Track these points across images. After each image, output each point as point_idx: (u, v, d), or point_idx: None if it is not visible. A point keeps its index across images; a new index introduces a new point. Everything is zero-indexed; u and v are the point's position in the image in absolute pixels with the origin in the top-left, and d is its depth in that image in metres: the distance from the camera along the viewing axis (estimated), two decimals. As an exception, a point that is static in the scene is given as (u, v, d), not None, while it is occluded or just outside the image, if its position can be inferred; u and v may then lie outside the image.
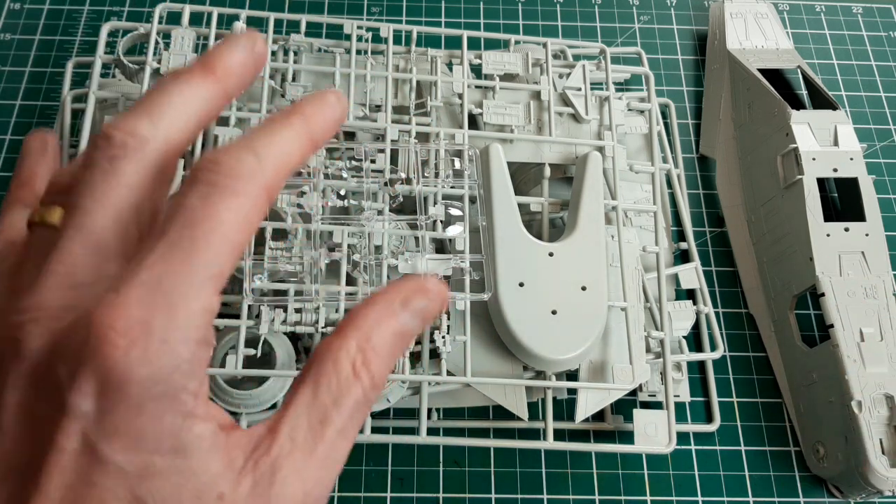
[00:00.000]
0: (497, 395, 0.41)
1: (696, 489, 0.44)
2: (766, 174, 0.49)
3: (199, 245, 0.16)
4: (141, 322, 0.16)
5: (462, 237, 0.40)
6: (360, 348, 0.18)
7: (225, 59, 0.19)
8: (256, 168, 0.17)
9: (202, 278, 0.17)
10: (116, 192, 0.18)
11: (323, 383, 0.18)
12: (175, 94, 0.18)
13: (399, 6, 0.60)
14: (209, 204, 0.17)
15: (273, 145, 0.18)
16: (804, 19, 0.62)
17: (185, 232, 0.16)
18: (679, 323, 0.46)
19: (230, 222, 0.17)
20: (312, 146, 0.19)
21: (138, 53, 0.55)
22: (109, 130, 0.18)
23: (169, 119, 0.18)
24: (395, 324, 0.19)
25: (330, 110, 0.19)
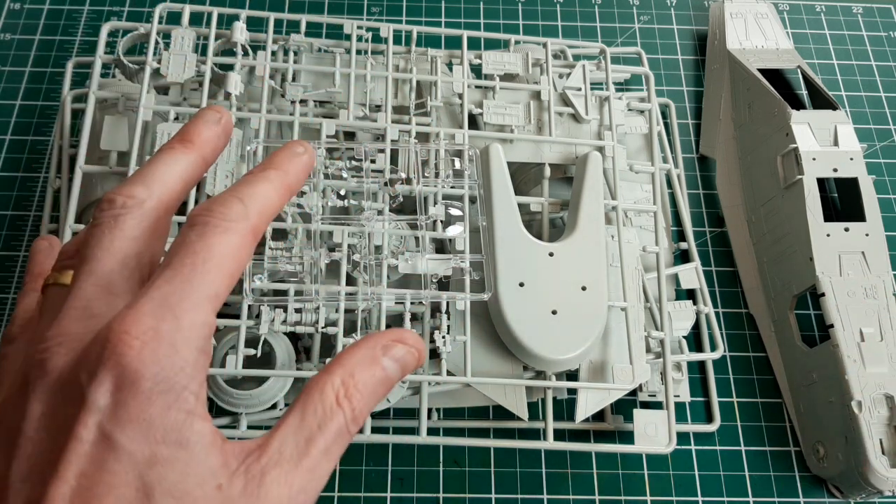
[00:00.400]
0: (497, 395, 0.41)
1: (696, 489, 0.44)
2: (766, 174, 0.49)
3: (197, 270, 0.20)
4: (151, 328, 0.19)
5: (462, 237, 0.40)
6: (344, 383, 0.21)
7: (200, 131, 0.23)
8: (242, 212, 0.21)
9: (201, 297, 0.20)
10: (120, 241, 0.21)
11: (309, 410, 0.20)
12: (162, 163, 0.22)
13: (399, 6, 0.60)
14: (204, 238, 0.20)
15: (255, 194, 0.22)
16: (804, 19, 0.62)
17: (186, 260, 0.20)
18: (679, 323, 0.46)
19: (223, 254, 0.20)
20: (288, 192, 0.23)
21: (138, 53, 0.55)
22: (111, 195, 0.22)
23: (160, 183, 0.22)
24: (376, 367, 0.21)
25: (298, 160, 0.23)
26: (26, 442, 0.19)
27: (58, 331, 0.20)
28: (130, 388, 0.19)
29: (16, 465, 0.19)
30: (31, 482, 0.19)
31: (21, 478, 0.19)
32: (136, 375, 0.19)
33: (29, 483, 0.19)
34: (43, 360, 0.20)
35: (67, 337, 0.20)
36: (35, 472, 0.19)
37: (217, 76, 0.44)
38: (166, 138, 0.41)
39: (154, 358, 0.19)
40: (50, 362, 0.20)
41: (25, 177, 0.52)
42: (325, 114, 0.45)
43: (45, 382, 0.19)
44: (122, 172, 0.42)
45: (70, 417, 0.19)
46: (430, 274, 0.39)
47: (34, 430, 0.19)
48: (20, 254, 0.49)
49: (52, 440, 0.19)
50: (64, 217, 0.44)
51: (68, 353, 0.20)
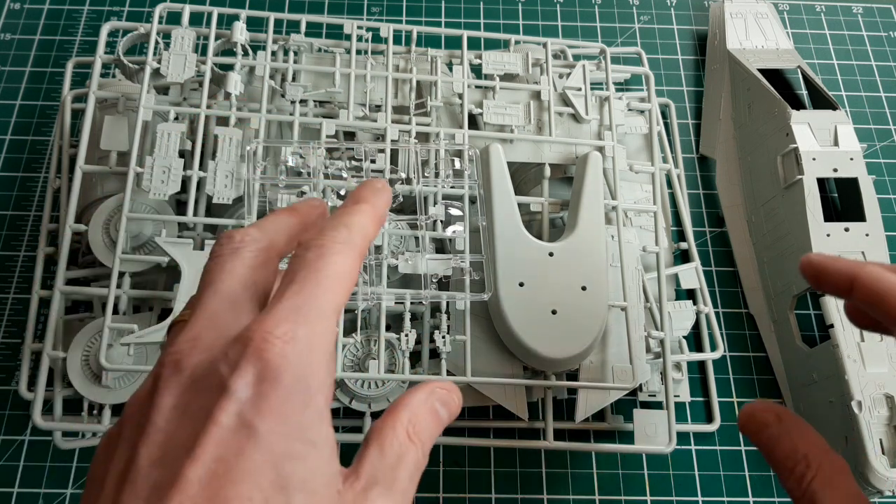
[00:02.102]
0: (497, 395, 0.41)
1: (696, 489, 0.44)
2: (766, 174, 0.49)
3: (322, 284, 0.22)
4: (291, 330, 0.20)
5: (462, 237, 0.40)
6: (411, 421, 0.23)
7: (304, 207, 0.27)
8: (349, 236, 0.24)
9: (328, 308, 0.22)
10: (241, 268, 0.23)
11: (387, 444, 0.22)
12: (272, 218, 0.26)
13: (399, 6, 0.60)
14: (323, 258, 0.23)
15: (356, 222, 0.24)
16: (804, 19, 0.62)
17: (310, 276, 0.22)
18: (679, 323, 0.46)
19: (339, 271, 0.22)
20: (378, 222, 0.26)
21: (138, 53, 0.55)
22: (231, 233, 0.24)
23: (271, 229, 0.25)
24: (430, 405, 0.24)
25: (382, 194, 0.27)
26: (157, 431, 0.19)
27: (189, 335, 0.21)
28: (273, 382, 0.19)
29: (144, 451, 0.19)
30: (163, 466, 0.19)
31: (151, 462, 0.19)
32: (279, 370, 0.20)
33: (160, 467, 0.19)
34: (176, 359, 0.21)
35: (199, 341, 0.21)
36: (168, 457, 0.19)
37: (217, 76, 0.44)
38: (166, 138, 0.42)
39: (295, 356, 0.20)
40: (184, 361, 0.21)
41: (25, 177, 0.52)
42: (325, 114, 0.45)
43: (179, 378, 0.20)
44: (122, 172, 0.42)
45: (208, 406, 0.19)
46: (430, 274, 0.39)
47: (165, 420, 0.20)
48: (20, 254, 0.49)
49: (187, 427, 0.19)
50: (64, 217, 0.44)
51: (202, 354, 0.21)
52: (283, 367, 0.20)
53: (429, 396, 0.24)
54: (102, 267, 0.42)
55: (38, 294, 0.44)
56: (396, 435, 0.22)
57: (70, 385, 0.41)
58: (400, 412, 0.23)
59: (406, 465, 0.22)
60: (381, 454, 0.22)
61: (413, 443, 0.22)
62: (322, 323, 0.21)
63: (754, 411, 0.28)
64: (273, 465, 0.19)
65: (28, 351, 0.43)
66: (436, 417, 0.24)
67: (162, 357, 0.21)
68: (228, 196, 0.41)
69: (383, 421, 0.23)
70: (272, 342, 0.20)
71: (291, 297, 0.21)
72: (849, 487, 0.25)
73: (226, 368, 0.20)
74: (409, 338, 0.40)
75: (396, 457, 0.22)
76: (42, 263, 0.45)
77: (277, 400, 0.19)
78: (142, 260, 0.41)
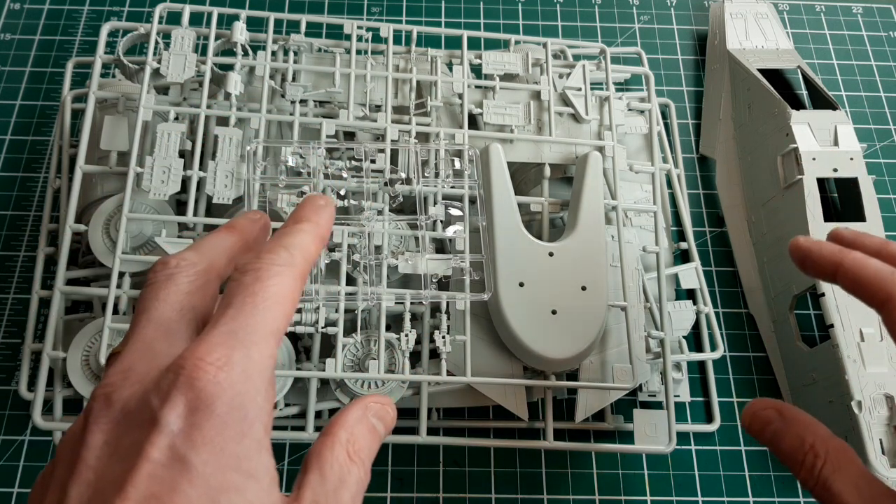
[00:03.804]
0: (497, 395, 0.41)
1: (696, 489, 0.44)
2: (766, 174, 0.49)
3: (259, 308, 0.21)
4: (225, 356, 0.20)
5: (462, 237, 0.40)
6: (349, 440, 0.22)
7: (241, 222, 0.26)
8: (289, 258, 0.23)
9: (266, 332, 0.21)
10: (175, 294, 0.22)
11: (326, 467, 0.21)
12: (210, 239, 0.25)
13: (399, 6, 0.60)
14: (260, 281, 0.22)
15: (296, 243, 0.24)
16: (804, 19, 0.62)
17: (247, 300, 0.21)
18: (679, 323, 0.46)
19: (278, 294, 0.22)
20: (321, 240, 0.25)
21: (138, 53, 0.55)
22: (166, 259, 0.23)
23: (208, 251, 0.24)
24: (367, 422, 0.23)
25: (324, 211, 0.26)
26: (87, 469, 0.19)
27: (121, 367, 0.20)
28: (205, 411, 0.19)
29: (75, 491, 0.18)
30: None
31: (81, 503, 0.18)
32: (212, 399, 0.19)
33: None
34: (107, 393, 0.20)
35: (132, 373, 0.20)
36: (98, 496, 0.18)
37: (217, 76, 0.44)
38: (166, 138, 0.42)
39: (229, 383, 0.19)
40: (115, 395, 0.20)
41: (25, 177, 0.52)
42: (325, 114, 0.45)
43: (109, 413, 0.19)
44: (122, 172, 0.42)
45: (138, 441, 0.19)
46: (430, 274, 0.39)
47: (95, 457, 0.19)
48: (20, 254, 0.49)
49: (117, 464, 0.19)
50: (64, 217, 0.44)
51: (133, 386, 0.20)
52: (216, 395, 0.19)
53: (364, 413, 0.23)
54: (102, 267, 0.42)
55: (38, 294, 0.44)
56: (336, 457, 0.22)
57: (70, 385, 0.41)
58: (337, 432, 0.22)
59: (348, 486, 0.21)
60: (321, 478, 0.21)
61: (354, 462, 0.22)
62: (258, 348, 0.20)
63: (756, 410, 0.28)
64: (209, 499, 0.18)
65: (28, 351, 0.43)
66: (373, 433, 0.23)
67: (94, 391, 0.20)
68: (228, 196, 0.41)
69: (321, 443, 0.22)
70: (204, 369, 0.19)
71: (227, 321, 0.21)
72: (857, 468, 0.26)
73: (157, 400, 0.19)
74: (409, 338, 0.40)
75: (338, 479, 0.21)
76: (42, 263, 0.45)
77: (211, 430, 0.19)
78: (142, 260, 0.41)
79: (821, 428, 0.27)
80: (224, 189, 0.41)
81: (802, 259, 0.29)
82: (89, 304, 0.45)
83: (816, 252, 0.28)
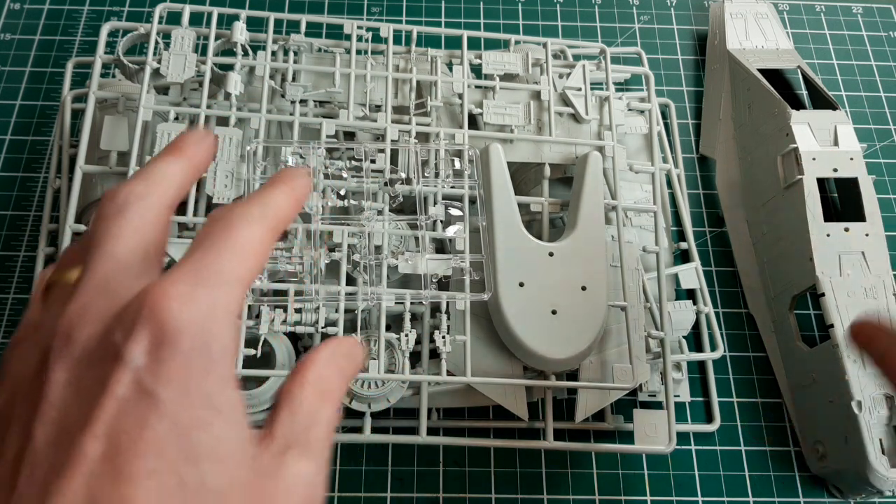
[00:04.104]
0: (497, 395, 0.41)
1: (696, 489, 0.44)
2: (766, 174, 0.49)
3: (225, 253, 0.21)
4: (189, 292, 0.19)
5: (462, 237, 0.40)
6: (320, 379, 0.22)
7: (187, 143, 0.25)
8: (261, 211, 0.22)
9: (231, 276, 0.20)
10: (128, 228, 0.22)
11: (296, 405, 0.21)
12: (158, 165, 0.24)
13: (399, 6, 0.60)
14: (230, 229, 0.21)
15: (270, 199, 0.23)
16: (804, 19, 0.62)
17: (214, 245, 0.21)
18: (679, 323, 0.46)
19: (246, 243, 0.21)
20: (297, 202, 0.25)
21: (138, 53, 0.55)
22: (112, 192, 0.22)
23: (158, 181, 0.23)
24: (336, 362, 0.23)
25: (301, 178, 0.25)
26: (50, 408, 0.18)
27: (80, 304, 0.20)
28: (171, 346, 0.18)
29: (40, 431, 0.18)
30: (60, 445, 0.18)
31: (47, 442, 0.18)
32: (177, 333, 0.18)
33: (56, 446, 0.18)
34: (67, 331, 0.19)
35: (92, 308, 0.20)
36: (65, 434, 0.18)
37: (217, 76, 0.44)
38: (166, 138, 0.42)
39: (193, 319, 0.19)
40: (75, 332, 0.19)
41: (25, 177, 0.52)
42: (325, 114, 0.45)
43: (71, 351, 0.19)
44: (122, 172, 0.42)
45: (102, 377, 0.18)
46: (430, 274, 0.39)
47: (59, 397, 0.18)
48: (20, 254, 0.49)
49: (82, 402, 0.18)
50: (64, 217, 0.44)
51: (95, 323, 0.19)
52: (181, 328, 0.18)
53: (332, 354, 0.23)
54: (102, 267, 0.42)
55: (38, 294, 0.44)
56: (306, 395, 0.22)
57: (70, 385, 0.41)
58: (306, 372, 0.22)
59: (319, 423, 0.21)
60: (291, 415, 0.21)
61: (324, 401, 0.22)
62: (224, 288, 0.20)
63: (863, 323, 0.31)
64: (178, 434, 0.18)
65: (28, 351, 0.42)
66: (342, 373, 0.23)
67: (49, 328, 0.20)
68: (228, 196, 0.41)
69: (291, 382, 0.22)
70: (168, 304, 0.19)
71: (193, 262, 0.20)
72: None
73: (120, 335, 0.18)
74: (409, 338, 0.40)
75: (309, 416, 0.21)
76: (42, 263, 0.45)
77: (177, 366, 0.18)
78: (142, 260, 0.41)
79: None
80: (224, 189, 0.41)
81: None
82: (89, 304, 0.45)
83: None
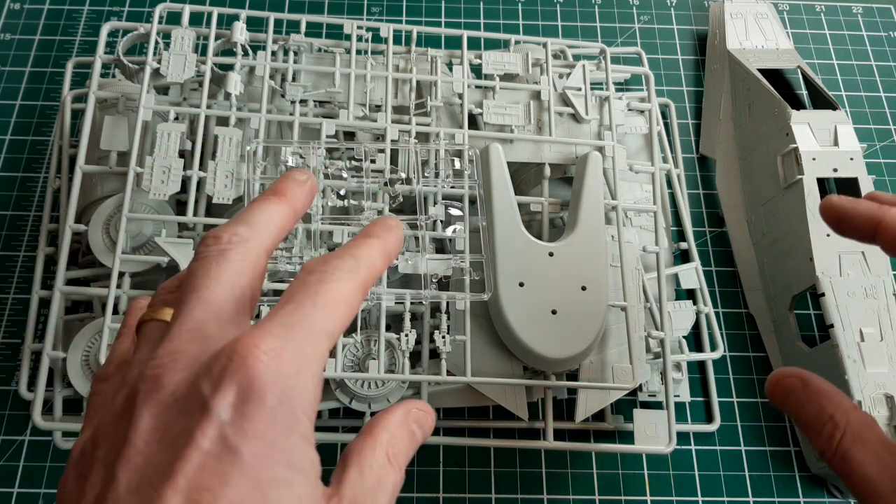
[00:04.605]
0: (497, 395, 0.41)
1: (696, 489, 0.44)
2: (766, 174, 0.49)
3: (318, 307, 0.21)
4: (279, 348, 0.19)
5: (462, 237, 0.40)
6: (391, 442, 0.22)
7: (290, 186, 0.26)
8: (355, 265, 0.23)
9: (321, 331, 0.21)
10: (228, 273, 0.22)
11: (366, 466, 0.22)
12: (260, 208, 0.24)
13: (399, 6, 0.60)
14: (324, 283, 0.22)
15: (363, 254, 0.24)
16: (804, 19, 0.62)
17: (308, 298, 0.21)
18: (679, 323, 0.46)
19: (338, 298, 0.22)
20: (387, 257, 0.25)
21: (138, 53, 0.55)
22: (217, 232, 0.23)
23: (260, 225, 0.24)
24: (408, 426, 0.24)
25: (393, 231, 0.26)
26: (136, 454, 0.18)
27: (171, 349, 0.20)
28: (257, 402, 0.19)
29: (123, 476, 0.18)
30: (142, 493, 0.18)
31: (129, 488, 0.18)
32: (264, 389, 0.19)
33: (138, 493, 0.18)
34: (157, 374, 0.19)
35: (182, 355, 0.20)
36: (146, 483, 0.18)
37: (217, 76, 0.44)
38: (166, 138, 0.42)
39: (281, 375, 0.19)
40: (165, 377, 0.19)
41: (25, 177, 0.52)
42: (325, 114, 0.45)
43: (159, 397, 0.19)
44: (122, 172, 0.42)
45: (189, 428, 0.18)
46: (430, 274, 0.39)
47: (144, 442, 0.19)
48: (20, 254, 0.49)
49: (166, 451, 0.18)
50: (64, 217, 0.45)
51: (184, 370, 0.20)
52: (268, 385, 0.19)
53: (406, 417, 0.23)
54: (102, 267, 0.42)
55: (38, 294, 0.44)
56: (376, 457, 0.22)
57: (70, 385, 0.41)
58: (379, 433, 0.23)
59: (385, 488, 0.22)
60: (361, 476, 0.21)
61: (392, 466, 0.22)
62: (312, 344, 0.20)
63: (780, 378, 0.28)
64: (259, 493, 0.18)
65: (28, 351, 0.43)
66: (413, 438, 0.24)
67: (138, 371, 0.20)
68: (228, 196, 0.41)
69: (363, 441, 0.22)
70: (258, 357, 0.19)
71: (285, 315, 0.21)
72: (877, 439, 0.25)
73: (208, 386, 0.19)
74: (409, 338, 0.40)
75: (377, 480, 0.22)
76: (42, 263, 0.45)
77: (262, 422, 0.19)
78: (142, 260, 0.41)
79: (844, 399, 0.26)
80: (224, 189, 0.41)
81: (838, 219, 0.27)
82: (89, 304, 0.45)
83: (853, 210, 0.27)
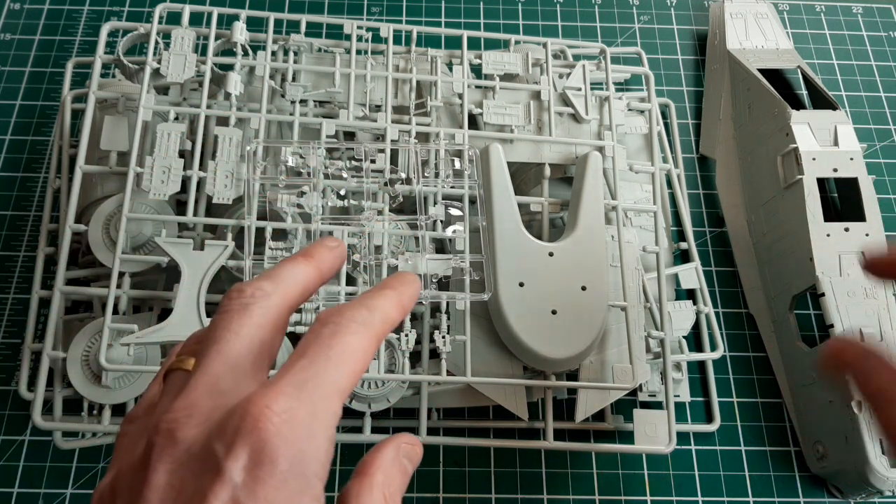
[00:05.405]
0: (497, 395, 0.41)
1: (696, 489, 0.44)
2: (766, 174, 0.49)
3: (332, 363, 0.21)
4: (291, 409, 0.20)
5: (462, 237, 0.40)
6: (385, 483, 0.22)
7: (319, 250, 0.26)
8: (369, 318, 0.23)
9: (334, 389, 0.21)
10: (248, 327, 0.22)
11: None
12: (287, 268, 0.25)
13: (399, 6, 0.60)
14: (338, 336, 0.22)
15: (379, 306, 0.24)
16: (804, 19, 0.62)
17: (321, 352, 0.21)
18: (679, 323, 0.46)
19: (352, 352, 0.22)
20: (402, 310, 0.25)
21: (138, 53, 0.55)
22: (242, 286, 0.23)
23: (284, 282, 0.24)
24: (400, 463, 0.24)
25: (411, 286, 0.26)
26: None
27: (186, 403, 0.20)
28: (269, 466, 0.19)
29: None
30: None
31: None
32: (276, 453, 0.19)
33: None
34: (171, 429, 0.20)
35: (197, 409, 0.20)
36: None
37: (217, 76, 0.44)
38: (166, 138, 0.42)
39: (293, 438, 0.19)
40: (179, 432, 0.20)
41: (25, 177, 0.52)
42: (325, 114, 0.45)
43: (174, 452, 0.19)
44: (122, 172, 0.42)
45: (202, 489, 0.19)
46: (430, 274, 0.39)
47: (159, 499, 0.19)
48: (20, 254, 0.49)
49: None
50: (64, 217, 0.44)
51: (199, 426, 0.20)
52: (280, 448, 0.19)
53: (397, 454, 0.24)
54: (102, 267, 0.42)
55: (38, 294, 0.44)
56: (374, 499, 0.22)
57: (70, 385, 0.41)
58: (374, 474, 0.23)
59: None
60: None
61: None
62: (325, 403, 0.20)
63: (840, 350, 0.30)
64: None
65: (28, 351, 0.43)
66: (405, 474, 0.24)
67: (155, 422, 0.21)
68: (228, 196, 0.41)
69: (360, 484, 0.22)
70: (270, 419, 0.19)
71: (298, 372, 0.21)
72: None
73: (221, 447, 0.19)
74: (409, 338, 0.40)
75: None
76: (42, 263, 0.45)
77: (274, 486, 0.19)
78: (142, 260, 0.41)
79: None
80: (224, 189, 0.41)
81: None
82: (89, 304, 0.45)
83: None
